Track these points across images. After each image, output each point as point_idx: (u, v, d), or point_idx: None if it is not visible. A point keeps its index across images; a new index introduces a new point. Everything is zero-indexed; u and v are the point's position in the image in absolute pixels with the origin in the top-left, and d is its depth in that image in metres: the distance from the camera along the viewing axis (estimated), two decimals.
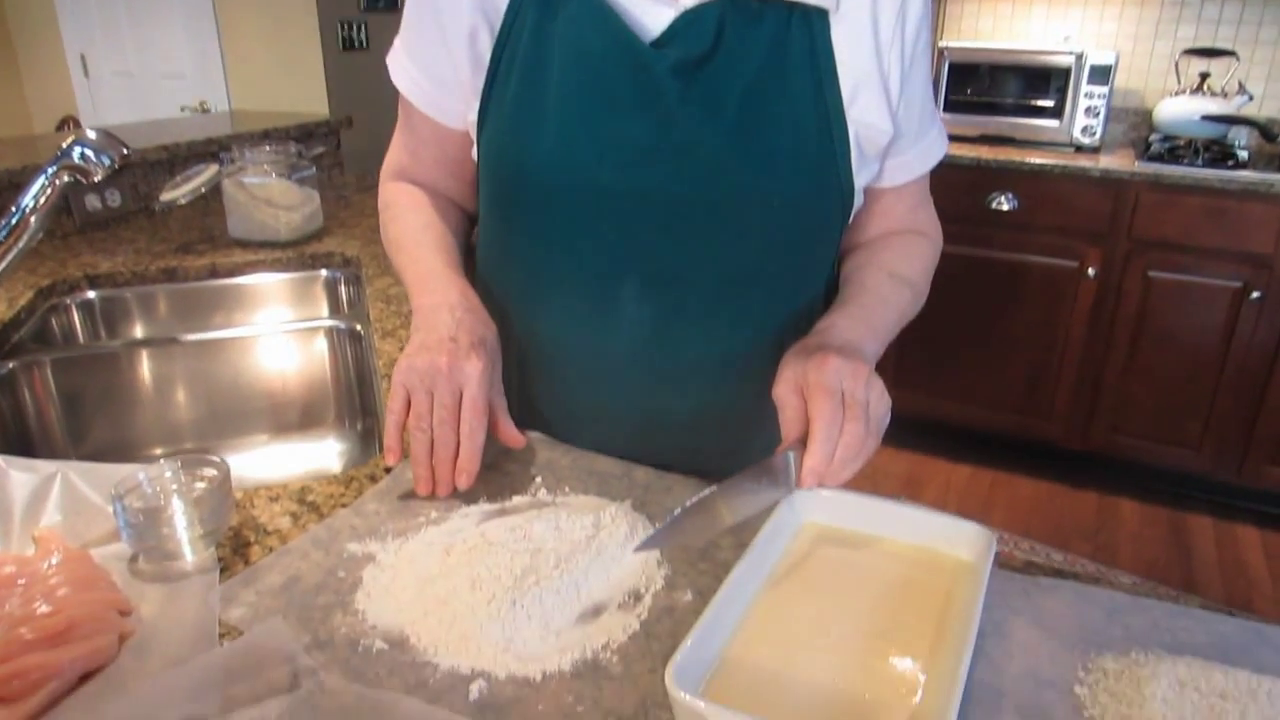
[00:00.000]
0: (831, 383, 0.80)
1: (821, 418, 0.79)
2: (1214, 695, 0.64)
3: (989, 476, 3.29)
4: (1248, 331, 2.72)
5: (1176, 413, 2.92)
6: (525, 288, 1.00)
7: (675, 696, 0.61)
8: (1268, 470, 2.83)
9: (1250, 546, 2.84)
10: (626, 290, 0.94)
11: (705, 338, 0.96)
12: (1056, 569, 0.84)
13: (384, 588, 0.80)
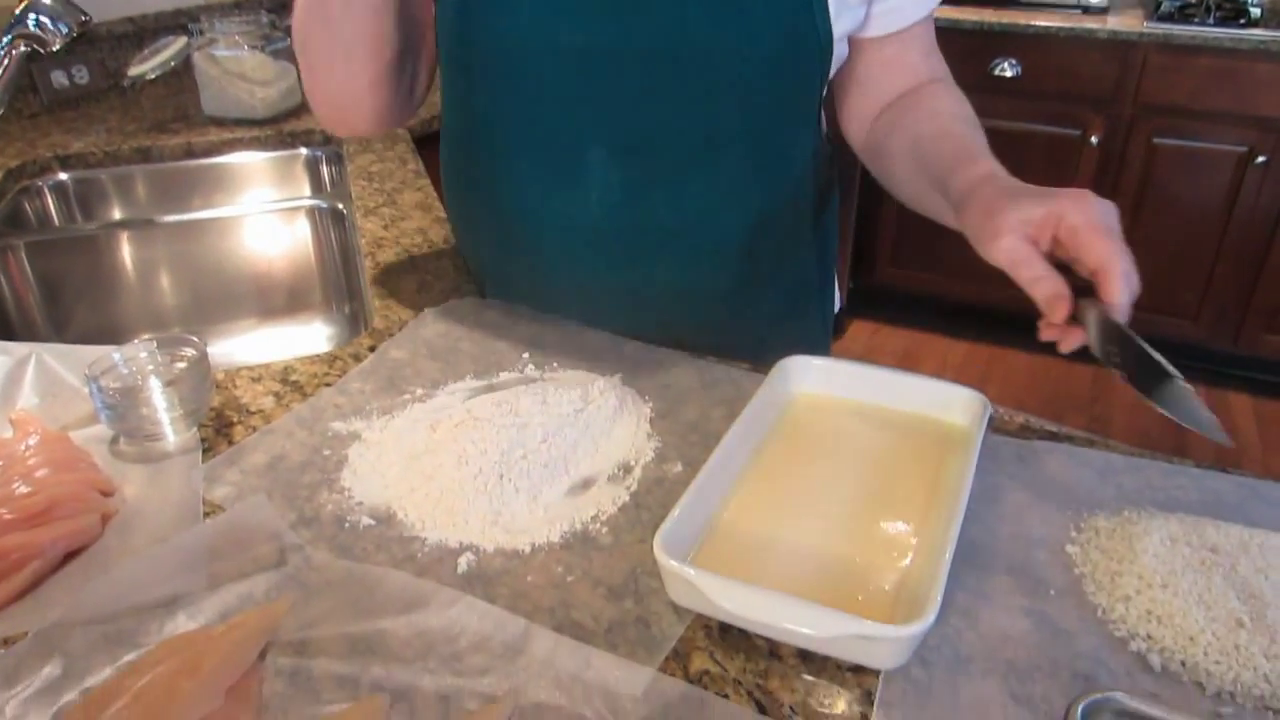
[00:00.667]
0: (1103, 220, 0.68)
1: (1115, 260, 0.67)
2: (1205, 549, 0.64)
3: (986, 352, 3.29)
4: (1251, 198, 2.68)
5: (1175, 283, 2.90)
6: (492, 159, 0.96)
7: (663, 564, 0.60)
8: (1264, 338, 2.82)
9: (1242, 413, 2.86)
10: (594, 157, 0.90)
11: (679, 206, 0.92)
12: (1051, 433, 0.83)
13: (370, 465, 0.79)
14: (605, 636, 0.62)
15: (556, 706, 0.57)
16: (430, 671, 0.59)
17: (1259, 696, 0.55)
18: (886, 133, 0.95)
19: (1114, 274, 0.68)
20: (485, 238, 1.04)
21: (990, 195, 0.75)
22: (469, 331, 1.01)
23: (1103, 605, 0.63)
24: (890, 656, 0.57)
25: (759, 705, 0.57)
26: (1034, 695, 0.57)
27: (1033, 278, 0.70)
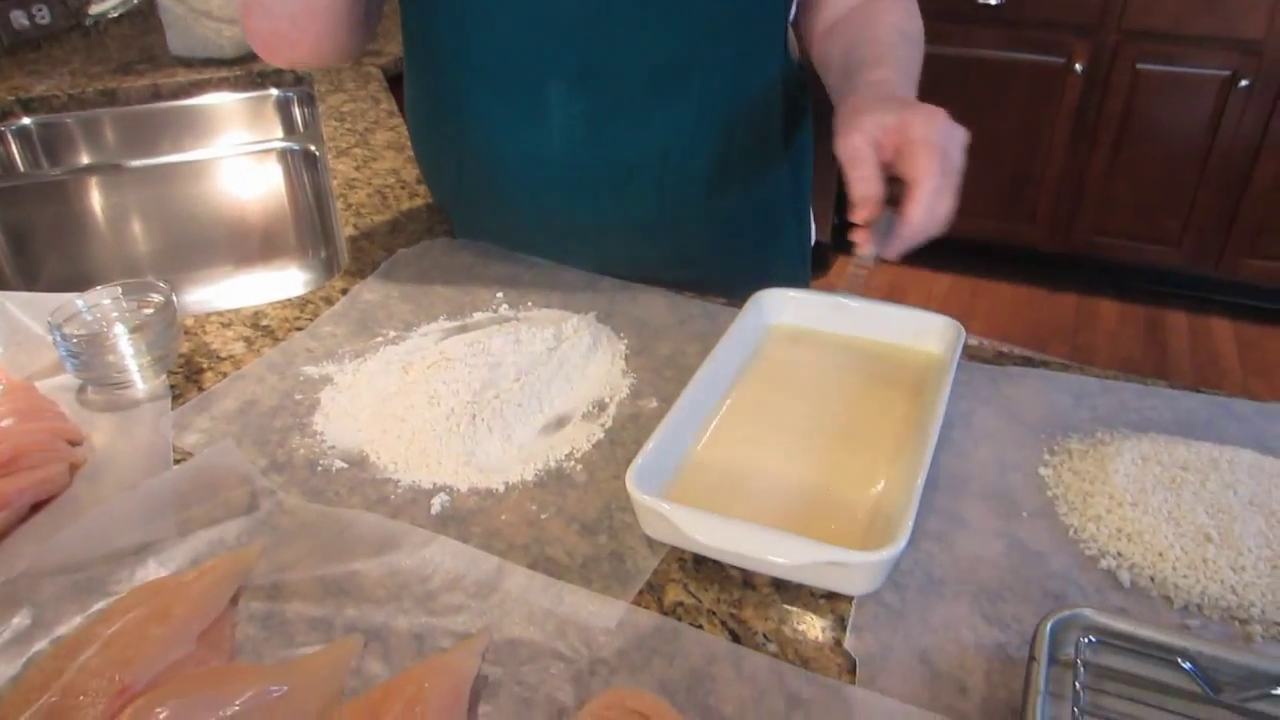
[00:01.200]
0: (940, 140, 0.70)
1: (929, 177, 0.70)
2: (1176, 467, 0.64)
3: (970, 284, 3.29)
4: (1233, 122, 2.66)
5: (1158, 210, 2.89)
6: (452, 94, 0.94)
7: (636, 498, 0.60)
8: (1245, 262, 2.82)
9: (1223, 338, 2.87)
10: (554, 88, 0.88)
11: (643, 136, 0.90)
12: (1027, 359, 0.82)
13: (342, 408, 0.78)
14: (579, 572, 0.62)
15: (530, 641, 0.57)
16: (404, 611, 0.59)
17: (1225, 608, 0.56)
18: (829, 43, 0.94)
19: (921, 188, 0.70)
20: (450, 176, 1.02)
21: (865, 97, 0.78)
22: (442, 272, 0.99)
23: (1074, 525, 0.63)
24: (862, 582, 0.58)
25: (732, 634, 0.58)
26: (1005, 615, 0.57)
27: (858, 176, 0.74)
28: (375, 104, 1.57)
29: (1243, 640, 0.55)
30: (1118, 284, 3.12)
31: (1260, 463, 0.64)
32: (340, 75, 1.72)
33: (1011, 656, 0.55)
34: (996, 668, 0.54)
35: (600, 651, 0.56)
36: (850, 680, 0.54)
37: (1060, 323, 3.03)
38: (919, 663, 0.55)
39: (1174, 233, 2.89)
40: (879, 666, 0.55)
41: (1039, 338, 2.96)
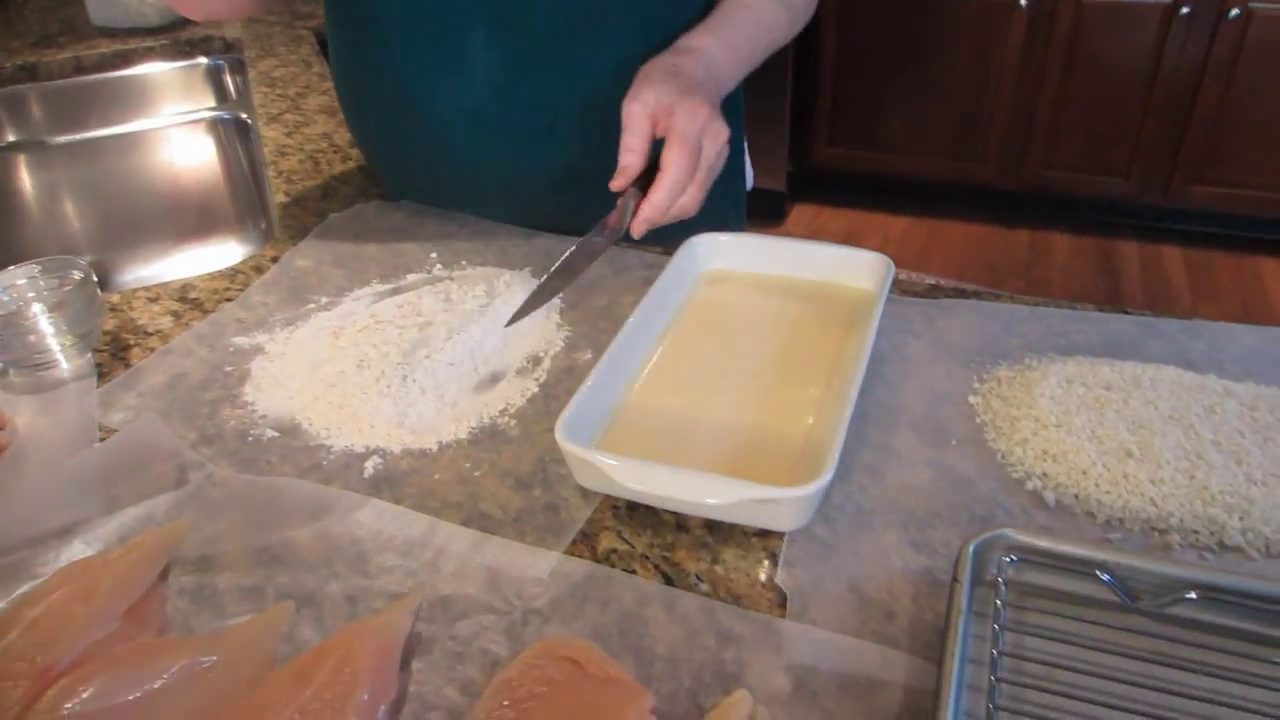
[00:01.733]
0: (695, 134, 0.76)
1: (676, 168, 0.76)
2: (1099, 387, 0.65)
3: (926, 225, 3.30)
4: (1176, 50, 2.67)
5: (1106, 142, 2.90)
6: (373, 48, 0.92)
7: (565, 448, 0.60)
8: (1192, 189, 2.85)
9: (1173, 264, 2.90)
10: (473, 38, 0.86)
11: (566, 84, 0.88)
12: (959, 290, 0.83)
13: (273, 377, 0.77)
14: (513, 526, 0.62)
15: (463, 597, 0.57)
16: (337, 576, 0.59)
17: (1145, 520, 0.57)
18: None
19: (665, 176, 0.76)
20: (377, 132, 1.00)
21: (663, 63, 0.81)
22: (375, 235, 0.98)
23: (1002, 450, 0.63)
24: (791, 518, 0.58)
25: (665, 577, 0.58)
26: (933, 541, 0.58)
27: (625, 145, 0.78)
28: (307, 68, 1.53)
29: (1162, 549, 0.56)
30: (1070, 217, 3.14)
31: (1181, 378, 0.65)
32: (271, 40, 1.69)
33: (938, 580, 0.55)
34: (924, 592, 0.55)
35: (533, 602, 0.56)
36: (781, 614, 0.55)
37: (1015, 258, 3.06)
38: (848, 592, 0.55)
39: (1122, 163, 2.91)
40: (809, 598, 0.55)
41: (995, 274, 2.98)
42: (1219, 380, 0.65)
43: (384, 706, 0.50)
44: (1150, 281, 2.84)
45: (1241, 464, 0.58)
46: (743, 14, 0.87)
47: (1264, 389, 0.65)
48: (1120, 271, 2.90)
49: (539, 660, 0.51)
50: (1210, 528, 0.56)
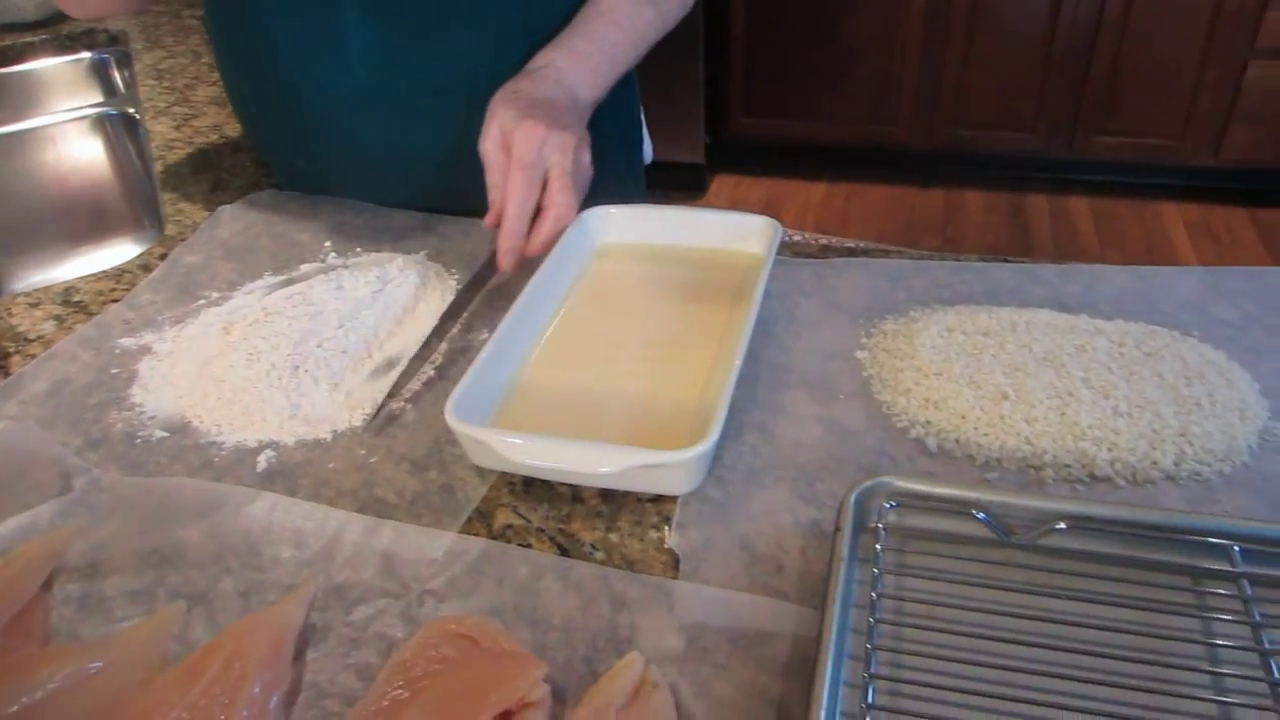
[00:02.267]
0: (533, 159, 0.76)
1: (515, 193, 0.76)
2: (978, 334, 0.66)
3: (844, 189, 3.34)
4: (1071, 7, 2.73)
5: (1011, 98, 2.96)
6: (250, 31, 0.90)
7: (455, 427, 0.60)
8: (1095, 140, 2.92)
9: (1081, 214, 2.98)
10: (348, 16, 0.85)
11: (446, 62, 0.88)
12: (849, 249, 0.84)
13: (161, 377, 0.75)
14: (409, 509, 0.62)
15: (358, 584, 0.56)
16: (229, 572, 0.58)
17: (1021, 458, 0.59)
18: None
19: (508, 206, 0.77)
20: (262, 119, 0.99)
21: (505, 90, 0.81)
22: (268, 226, 0.96)
23: (887, 401, 0.65)
24: (681, 481, 0.58)
25: (561, 548, 0.58)
26: (821, 494, 0.59)
27: (489, 184, 0.80)
28: (196, 58, 1.50)
29: (1037, 485, 0.58)
30: (981, 174, 3.20)
31: (1055, 320, 0.67)
32: (158, 31, 1.64)
33: (826, 532, 0.56)
34: (812, 544, 0.56)
35: (429, 584, 0.56)
36: (674, 576, 0.55)
37: (931, 217, 3.11)
38: (739, 549, 0.56)
39: (1028, 119, 2.98)
40: (701, 559, 0.56)
41: (912, 233, 3.03)
42: (1090, 320, 0.68)
43: (277, 698, 0.50)
44: (1060, 232, 2.92)
45: (1109, 398, 0.60)
46: (597, 21, 0.87)
47: (1131, 325, 0.67)
48: (1031, 224, 2.97)
49: (433, 639, 0.51)
50: (1081, 461, 0.58)
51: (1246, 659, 0.46)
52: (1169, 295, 0.73)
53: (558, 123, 0.77)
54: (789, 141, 3.34)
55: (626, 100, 1.05)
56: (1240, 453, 0.59)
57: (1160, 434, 0.59)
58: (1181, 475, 0.58)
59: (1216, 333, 0.69)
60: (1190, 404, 0.60)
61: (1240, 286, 0.74)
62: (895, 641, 0.48)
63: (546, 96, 0.79)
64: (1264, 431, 0.60)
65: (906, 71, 3.03)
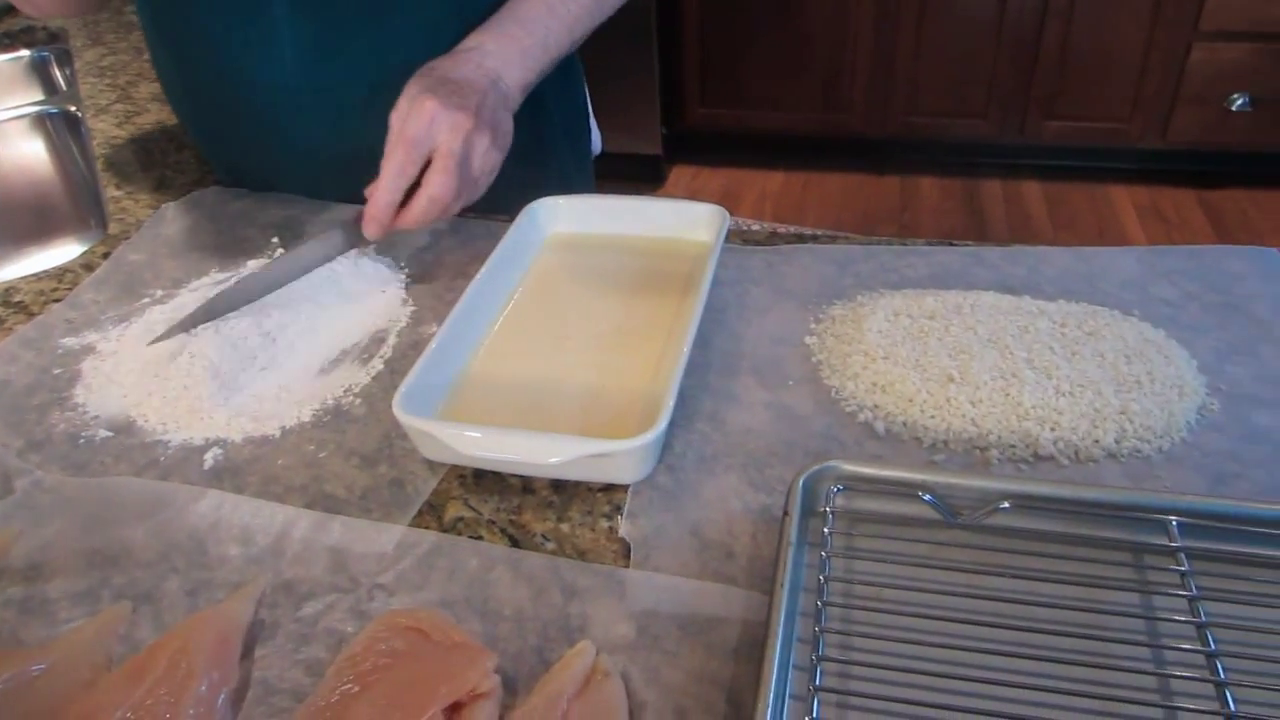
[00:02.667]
0: (417, 135, 0.74)
1: (389, 165, 0.75)
2: (923, 317, 0.67)
3: (801, 178, 3.35)
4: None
5: (963, 85, 2.99)
6: (182, 25, 0.89)
7: (403, 420, 0.59)
8: (1045, 125, 2.96)
9: (1034, 199, 3.02)
10: (278, 10, 0.84)
11: (379, 53, 0.86)
12: (797, 236, 0.84)
13: (105, 377, 0.74)
14: (359, 504, 0.61)
15: (308, 579, 0.56)
16: (175, 571, 0.57)
17: (967, 440, 0.59)
18: None
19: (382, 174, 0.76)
20: (199, 116, 0.97)
21: (431, 63, 0.80)
22: (213, 223, 0.95)
23: (835, 386, 0.65)
24: (630, 470, 0.59)
25: (512, 540, 0.58)
26: (771, 479, 0.59)
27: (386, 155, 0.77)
28: (138, 55, 1.47)
29: (983, 466, 0.58)
30: (936, 161, 3.23)
31: (999, 302, 0.68)
32: (99, 27, 1.61)
33: (775, 517, 0.57)
34: (762, 529, 0.56)
35: (379, 578, 0.56)
36: (625, 565, 0.55)
37: (887, 205, 3.13)
38: (690, 536, 0.56)
39: (980, 105, 3.00)
40: (652, 546, 0.56)
41: (869, 221, 3.05)
42: (1033, 301, 0.69)
43: (224, 695, 0.49)
44: (1014, 216, 2.95)
45: (1051, 378, 0.61)
46: (529, 4, 0.85)
47: (1073, 306, 0.69)
48: (985, 209, 3.00)
49: (383, 633, 0.51)
50: (1025, 441, 0.58)
51: (1184, 631, 0.47)
52: (1110, 275, 0.74)
53: (456, 103, 0.75)
54: (745, 131, 3.34)
55: (571, 91, 1.05)
56: (1179, 429, 0.60)
57: (1101, 412, 0.59)
58: (1123, 453, 0.59)
59: (1156, 311, 0.70)
60: (1130, 382, 0.61)
61: (1178, 265, 0.75)
62: (844, 624, 0.49)
63: (461, 77, 0.78)
64: (1202, 408, 0.62)
65: (859, 60, 3.05)
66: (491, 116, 0.78)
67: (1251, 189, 2.94)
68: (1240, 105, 2.72)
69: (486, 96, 0.78)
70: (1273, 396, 0.62)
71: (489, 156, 0.78)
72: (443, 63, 0.80)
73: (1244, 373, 0.65)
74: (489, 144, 0.77)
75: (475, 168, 0.77)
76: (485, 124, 0.77)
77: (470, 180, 0.77)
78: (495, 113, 0.79)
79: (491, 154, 0.78)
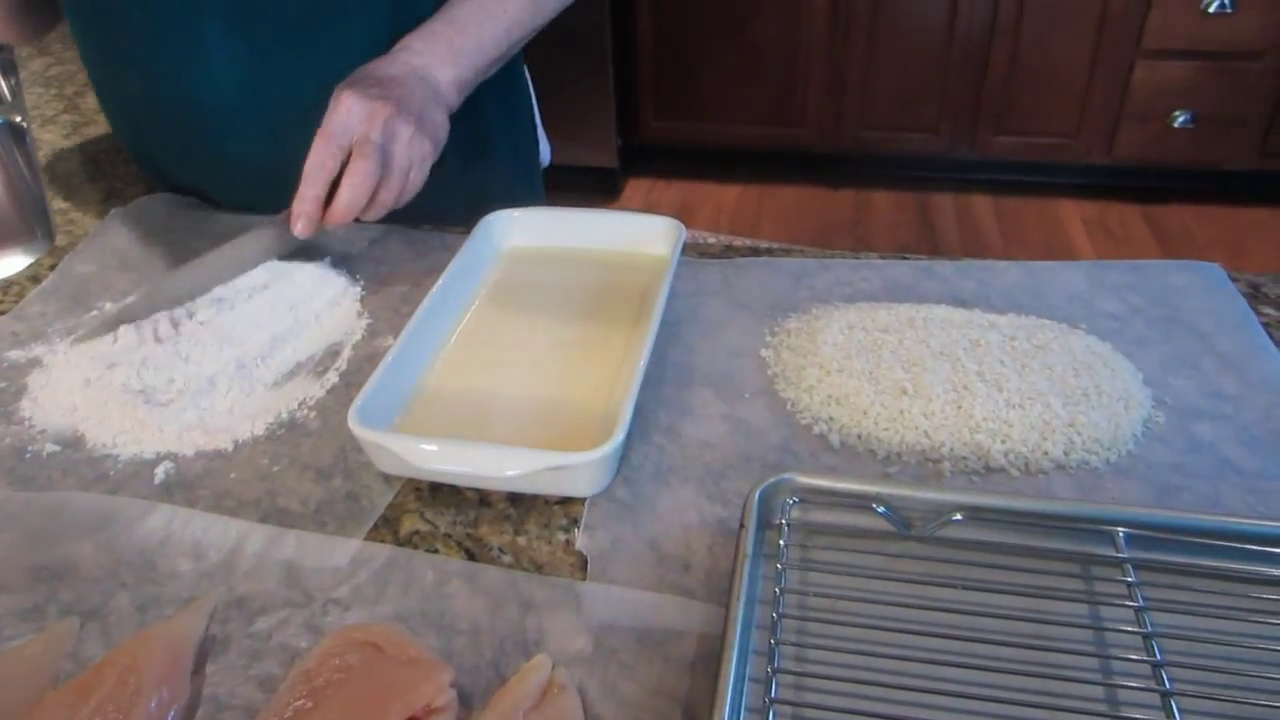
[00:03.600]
0: (333, 127, 0.75)
1: (309, 159, 0.75)
2: (877, 330, 0.68)
3: (756, 192, 3.37)
4: (967, 8, 2.80)
5: (914, 100, 3.03)
6: (114, 45, 0.88)
7: (358, 433, 0.59)
8: (995, 140, 3.01)
9: (984, 213, 3.07)
10: (210, 30, 0.83)
11: (310, 72, 0.85)
12: (752, 249, 0.85)
13: (52, 390, 0.73)
14: (313, 518, 0.61)
15: (261, 594, 0.55)
16: (124, 586, 0.56)
17: (920, 452, 0.60)
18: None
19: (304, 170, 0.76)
20: (135, 133, 0.96)
21: (362, 67, 0.80)
22: (162, 233, 0.94)
23: (791, 399, 0.66)
24: (587, 483, 0.59)
25: (468, 553, 0.58)
26: (727, 492, 0.60)
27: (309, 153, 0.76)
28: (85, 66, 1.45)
29: (935, 478, 0.59)
30: (889, 175, 3.27)
31: (951, 315, 0.69)
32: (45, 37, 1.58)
33: (732, 529, 0.57)
34: (719, 542, 0.57)
35: (333, 592, 0.55)
36: (582, 578, 0.55)
37: (841, 218, 3.16)
38: (647, 549, 0.57)
39: (931, 120, 3.05)
40: (609, 559, 0.56)
41: (824, 234, 3.08)
42: (983, 315, 0.70)
43: (174, 712, 0.48)
44: (965, 230, 3.00)
45: (1002, 390, 0.62)
46: (460, 6, 0.85)
47: (1023, 319, 0.70)
48: (937, 223, 3.05)
49: (337, 648, 0.50)
50: (976, 453, 0.59)
51: (1131, 641, 0.48)
52: (1057, 289, 0.76)
53: (375, 94, 0.75)
54: (700, 145, 3.36)
55: (515, 101, 1.05)
56: (1125, 441, 0.61)
57: (1050, 424, 0.61)
58: (1071, 464, 0.60)
59: (1102, 325, 0.72)
60: (1078, 395, 0.63)
61: (1123, 280, 0.77)
62: (799, 636, 0.49)
63: (384, 74, 0.78)
64: (1147, 420, 0.63)
65: (812, 75, 3.08)
66: (417, 106, 0.77)
67: (1195, 204, 3.01)
68: (1183, 122, 2.79)
69: (411, 89, 0.78)
70: (1215, 409, 0.64)
71: (415, 144, 0.77)
72: (369, 64, 0.80)
73: (1188, 385, 0.66)
74: (413, 131, 0.76)
75: (400, 156, 0.76)
76: (408, 112, 0.76)
77: (397, 169, 0.76)
78: (422, 104, 0.78)
79: (418, 142, 0.77)
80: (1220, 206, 2.99)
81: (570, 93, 3.01)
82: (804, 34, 3.00)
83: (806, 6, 2.94)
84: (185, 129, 0.90)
